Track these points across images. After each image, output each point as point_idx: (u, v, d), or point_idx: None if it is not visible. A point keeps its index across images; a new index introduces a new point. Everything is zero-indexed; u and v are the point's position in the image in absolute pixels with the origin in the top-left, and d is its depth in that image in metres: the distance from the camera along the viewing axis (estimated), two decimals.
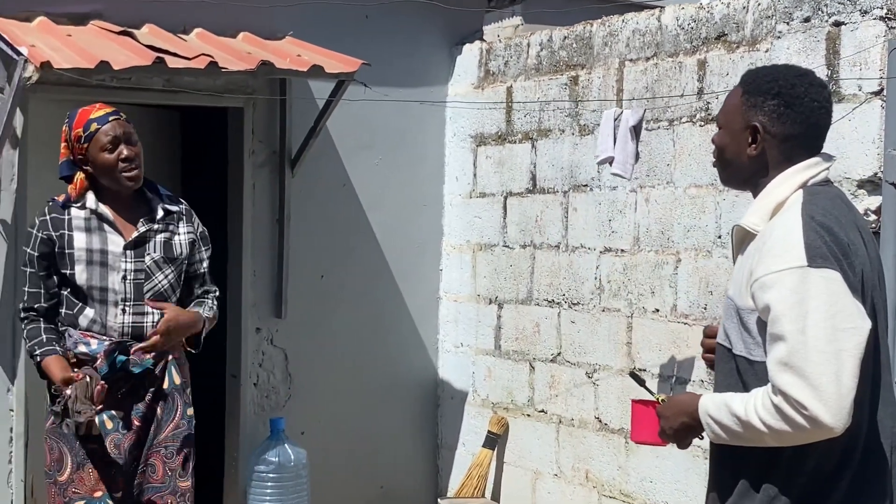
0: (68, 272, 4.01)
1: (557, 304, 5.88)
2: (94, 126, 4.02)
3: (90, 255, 4.01)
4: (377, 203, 6.50)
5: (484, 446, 6.26)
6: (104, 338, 4.02)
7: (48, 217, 4.06)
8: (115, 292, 4.03)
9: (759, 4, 4.86)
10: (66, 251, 4.01)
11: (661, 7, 5.42)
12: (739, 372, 2.68)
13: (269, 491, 5.95)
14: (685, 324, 5.18)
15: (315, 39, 6.04)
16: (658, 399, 2.94)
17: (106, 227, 4.06)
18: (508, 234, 6.23)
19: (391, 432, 6.61)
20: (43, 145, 5.45)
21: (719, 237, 5.02)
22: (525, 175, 6.12)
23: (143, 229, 4.09)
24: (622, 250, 5.52)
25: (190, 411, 4.24)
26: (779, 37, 4.48)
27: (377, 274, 6.53)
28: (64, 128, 4.12)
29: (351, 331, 6.47)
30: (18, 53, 5.01)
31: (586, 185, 5.72)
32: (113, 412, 4.03)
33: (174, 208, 4.24)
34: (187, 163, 6.70)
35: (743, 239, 2.72)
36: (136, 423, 4.08)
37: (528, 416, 6.08)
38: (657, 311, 5.32)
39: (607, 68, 5.61)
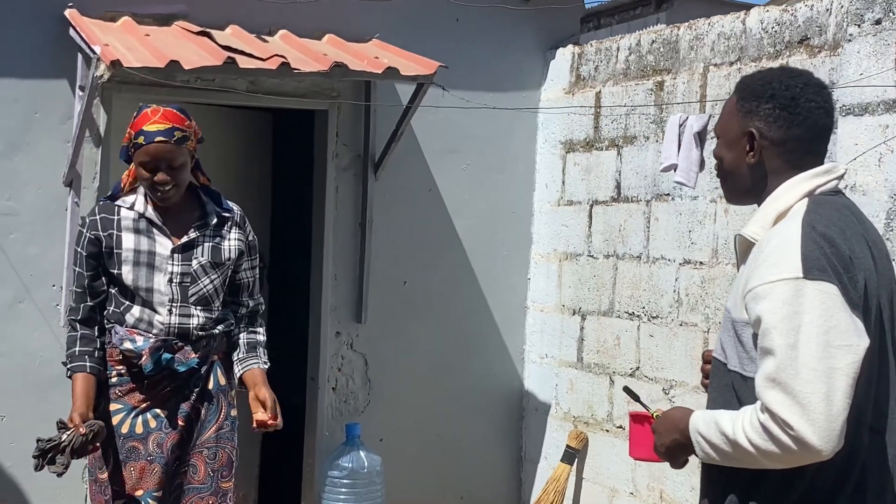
0: (116, 271, 3.98)
1: (637, 316, 5.68)
2: (140, 139, 3.90)
3: (137, 256, 3.97)
4: (464, 209, 6.40)
5: (562, 461, 6.09)
6: (150, 335, 3.99)
7: (98, 217, 4.01)
8: (160, 293, 3.98)
9: (841, 7, 4.60)
10: (115, 251, 3.97)
11: (747, 10, 5.19)
12: (734, 388, 2.52)
13: (342, 496, 5.90)
14: None
15: (403, 43, 5.98)
16: (653, 414, 2.75)
17: (154, 230, 4.01)
18: (593, 243, 6.06)
19: (473, 443, 6.49)
20: None
21: None
22: (610, 183, 5.94)
23: (193, 235, 4.02)
24: (700, 262, 5.30)
25: (234, 412, 4.16)
26: (850, 40, 4.22)
27: (462, 281, 6.43)
28: (134, 113, 4.02)
29: (434, 338, 6.38)
30: (94, 52, 5.08)
31: (668, 195, 5.52)
32: (157, 410, 4.00)
33: (227, 214, 4.14)
34: (278, 164, 6.71)
35: (746, 249, 2.56)
36: (180, 422, 4.01)
37: (607, 431, 5.89)
38: None
39: (692, 73, 5.40)
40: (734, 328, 2.51)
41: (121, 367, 4.00)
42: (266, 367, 4.21)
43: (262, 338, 4.28)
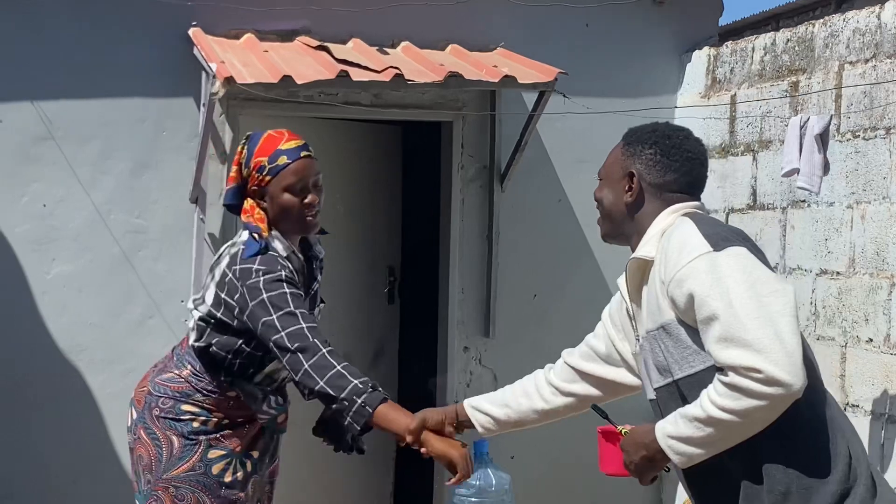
0: None
1: None
2: (282, 159, 3.38)
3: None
4: (596, 220, 6.18)
5: None
6: (269, 392, 3.54)
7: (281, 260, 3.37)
8: None
9: None
10: None
11: (882, 3, 4.86)
12: (682, 397, 2.60)
13: None
14: None
15: (530, 50, 5.84)
16: (621, 432, 2.82)
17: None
18: None
19: None
20: None
21: None
22: (746, 190, 5.66)
23: (319, 278, 3.61)
24: (837, 273, 4.98)
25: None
26: None
27: (595, 294, 6.19)
28: (240, 150, 3.49)
29: None
30: (210, 69, 5.11)
31: (804, 201, 5.22)
32: (251, 452, 3.58)
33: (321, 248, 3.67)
34: (408, 177, 6.66)
35: (643, 273, 2.70)
36: (268, 460, 3.67)
37: None
38: (870, 340, 4.76)
39: (826, 72, 5.09)
40: (668, 334, 2.60)
41: (220, 413, 3.49)
42: None
43: None
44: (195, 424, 3.47)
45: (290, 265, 3.37)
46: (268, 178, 3.40)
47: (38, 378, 5.52)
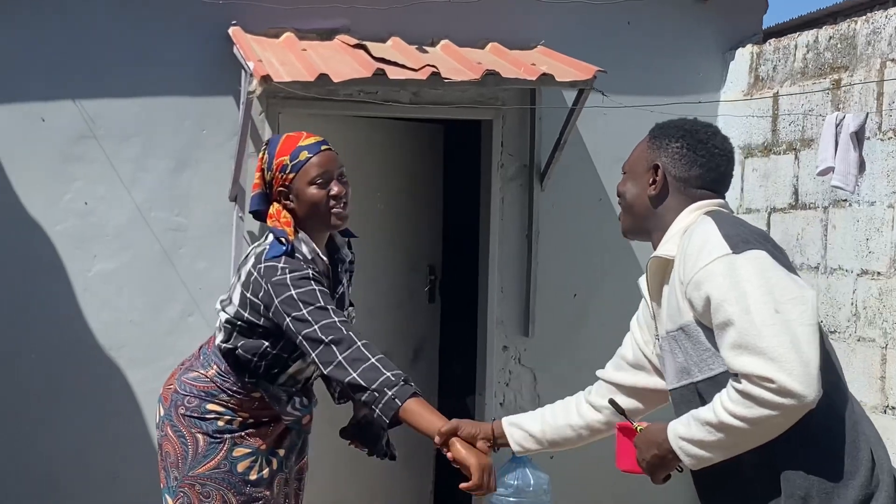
0: None
1: None
2: (303, 154, 3.38)
3: None
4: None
5: None
6: (293, 391, 3.52)
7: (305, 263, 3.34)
8: None
9: None
10: None
11: None
12: (701, 398, 2.57)
13: None
14: None
15: (571, 49, 5.81)
16: (636, 428, 2.72)
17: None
18: None
19: None
20: None
21: None
22: (788, 189, 5.59)
23: (344, 281, 3.55)
24: (878, 273, 4.91)
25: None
26: None
27: (636, 294, 6.13)
28: (261, 156, 3.45)
29: (606, 352, 5.95)
30: (248, 68, 5.14)
31: (845, 200, 5.14)
32: (276, 450, 3.57)
33: (349, 251, 3.63)
34: (450, 175, 6.65)
35: (664, 271, 2.66)
36: (294, 457, 3.64)
37: None
38: None
39: (869, 70, 5.02)
40: (687, 335, 2.56)
41: (244, 412, 3.48)
42: None
43: None
44: (220, 423, 3.47)
45: (315, 267, 3.33)
46: (291, 175, 3.36)
47: (79, 374, 5.57)
